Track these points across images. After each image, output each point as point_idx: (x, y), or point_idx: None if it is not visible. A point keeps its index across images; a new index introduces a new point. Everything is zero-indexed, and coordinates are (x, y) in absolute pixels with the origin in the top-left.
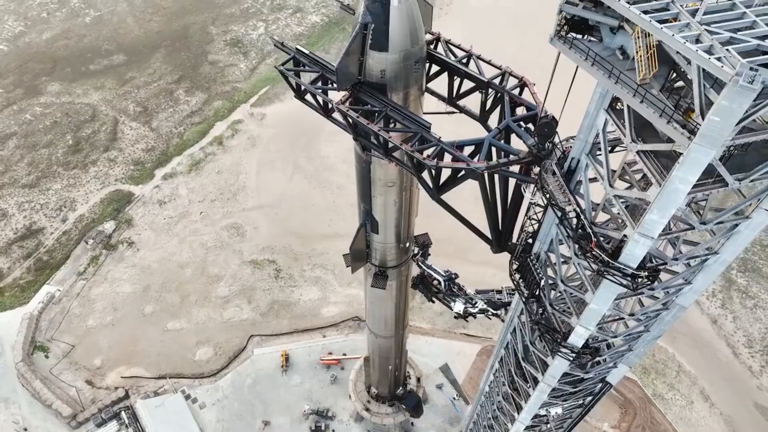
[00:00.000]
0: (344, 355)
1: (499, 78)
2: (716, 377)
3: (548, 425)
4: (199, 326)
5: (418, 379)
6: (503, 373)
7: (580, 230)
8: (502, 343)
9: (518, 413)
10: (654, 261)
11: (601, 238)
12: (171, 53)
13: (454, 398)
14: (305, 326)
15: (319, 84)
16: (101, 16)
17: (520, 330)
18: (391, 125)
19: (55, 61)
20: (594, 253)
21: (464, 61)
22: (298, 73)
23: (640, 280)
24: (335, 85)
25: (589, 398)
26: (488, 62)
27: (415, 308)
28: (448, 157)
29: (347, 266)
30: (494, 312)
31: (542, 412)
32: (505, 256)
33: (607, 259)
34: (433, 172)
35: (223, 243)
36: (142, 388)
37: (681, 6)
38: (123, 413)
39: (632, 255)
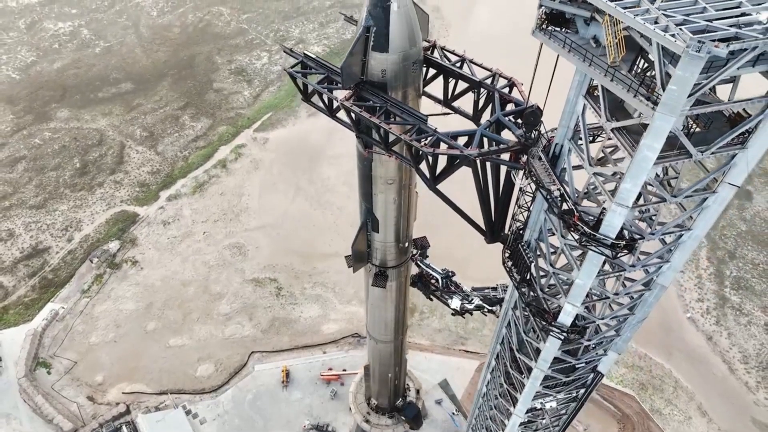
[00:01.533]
0: (344, 370)
1: (490, 79)
2: (713, 393)
3: (544, 421)
4: (200, 343)
5: (417, 391)
6: (499, 369)
7: (564, 206)
8: (497, 338)
9: (514, 407)
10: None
11: (583, 215)
12: (177, 81)
13: (454, 413)
14: (306, 343)
15: (325, 84)
16: (110, 47)
17: (515, 323)
18: (391, 120)
19: (64, 88)
20: (577, 226)
21: (458, 65)
22: (305, 75)
23: (618, 249)
24: (340, 85)
25: (582, 390)
26: (480, 65)
27: (414, 324)
28: (443, 147)
29: (349, 267)
30: (490, 308)
31: (537, 405)
32: (503, 274)
33: (589, 230)
34: (430, 160)
35: (226, 262)
36: (143, 403)
37: None
38: (124, 428)
39: (611, 225)
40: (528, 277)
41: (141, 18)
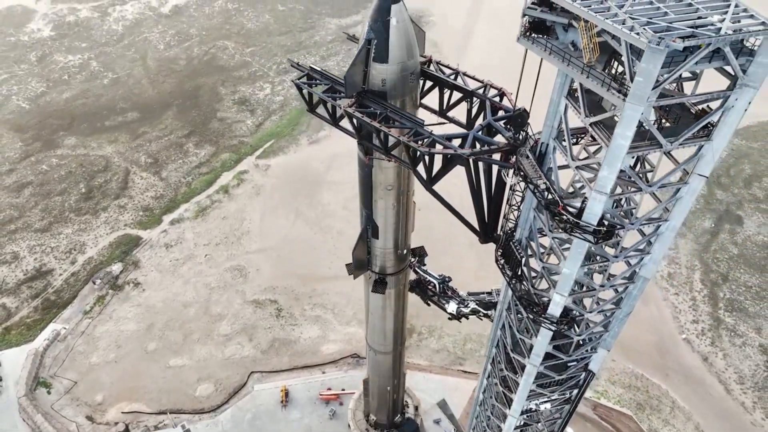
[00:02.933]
0: (343, 390)
1: (482, 89)
2: (710, 413)
3: (539, 424)
4: (200, 363)
5: (416, 408)
6: (495, 372)
7: (550, 197)
8: (492, 341)
9: (509, 408)
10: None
11: (567, 206)
12: (182, 111)
13: None
14: (305, 363)
15: (329, 94)
16: (118, 78)
17: (509, 325)
18: (391, 124)
19: (72, 117)
20: (562, 215)
21: (452, 77)
22: (311, 86)
23: (600, 235)
24: (342, 95)
25: (575, 391)
26: (472, 77)
27: (412, 345)
28: (439, 147)
29: (350, 274)
30: (485, 313)
31: (532, 406)
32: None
33: (573, 219)
34: (426, 160)
35: (227, 284)
36: (143, 422)
37: (611, 1)
38: None
39: (592, 213)
40: (519, 273)
41: (148, 51)
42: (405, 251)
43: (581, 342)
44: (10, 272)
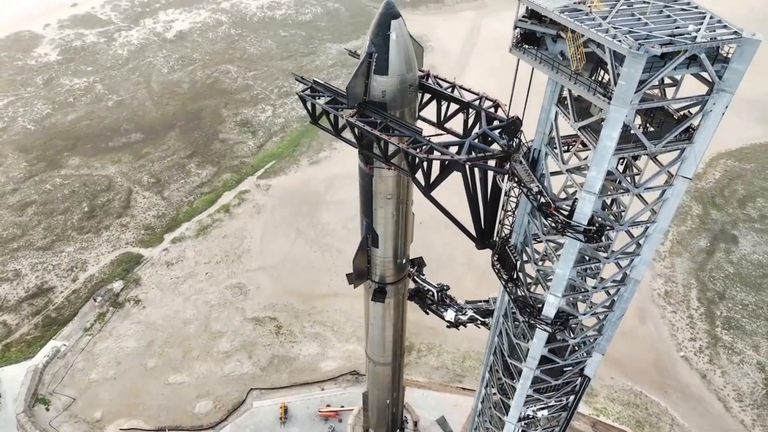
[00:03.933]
0: (342, 407)
1: (478, 101)
2: (709, 431)
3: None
4: (199, 380)
5: (415, 423)
6: (493, 381)
7: (542, 200)
8: (490, 349)
9: (507, 414)
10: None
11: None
12: (185, 132)
13: None
14: (304, 380)
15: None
16: (122, 101)
17: (506, 332)
18: (391, 133)
19: (77, 138)
20: (554, 215)
21: (449, 90)
22: (314, 98)
23: (590, 234)
24: (344, 106)
25: (572, 397)
26: (468, 90)
27: (411, 363)
28: (436, 154)
29: (350, 283)
30: (482, 320)
31: (530, 413)
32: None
33: (564, 219)
34: (425, 167)
35: (227, 301)
36: None
37: (595, 13)
38: None
39: (582, 213)
40: (515, 276)
41: (152, 75)
42: (404, 260)
43: (576, 347)
44: (12, 289)
